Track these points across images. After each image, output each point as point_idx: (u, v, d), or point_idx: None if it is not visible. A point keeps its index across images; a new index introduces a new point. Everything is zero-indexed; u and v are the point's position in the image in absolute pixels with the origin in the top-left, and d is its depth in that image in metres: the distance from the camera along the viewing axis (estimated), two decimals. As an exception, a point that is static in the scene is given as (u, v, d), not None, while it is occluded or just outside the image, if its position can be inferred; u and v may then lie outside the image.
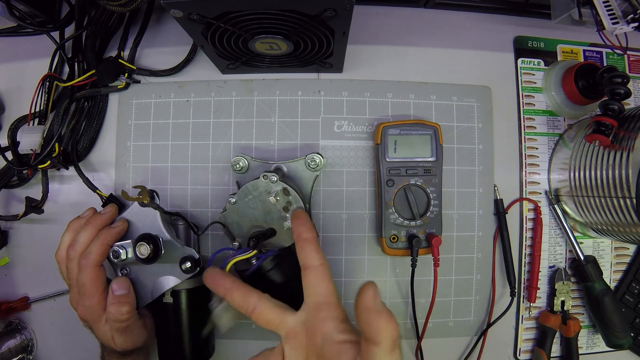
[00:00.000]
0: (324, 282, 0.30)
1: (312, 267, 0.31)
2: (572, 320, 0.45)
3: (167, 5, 0.29)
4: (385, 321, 0.24)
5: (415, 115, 0.46)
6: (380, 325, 0.24)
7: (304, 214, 0.34)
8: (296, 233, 0.33)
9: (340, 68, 0.45)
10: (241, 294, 0.31)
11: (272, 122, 0.46)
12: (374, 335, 0.24)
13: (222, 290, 0.32)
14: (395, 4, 0.48)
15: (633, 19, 0.36)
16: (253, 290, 0.32)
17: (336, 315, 0.29)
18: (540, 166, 0.47)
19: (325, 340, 0.28)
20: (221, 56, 0.40)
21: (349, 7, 0.30)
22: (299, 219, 0.33)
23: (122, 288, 0.36)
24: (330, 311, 0.29)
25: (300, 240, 0.32)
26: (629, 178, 0.34)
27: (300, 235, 0.32)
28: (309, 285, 0.30)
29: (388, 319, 0.24)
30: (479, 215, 0.46)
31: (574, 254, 0.45)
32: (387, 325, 0.24)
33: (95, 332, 0.38)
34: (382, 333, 0.24)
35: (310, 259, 0.31)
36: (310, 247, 0.31)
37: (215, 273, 0.33)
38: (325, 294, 0.30)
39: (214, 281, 0.33)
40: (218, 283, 0.32)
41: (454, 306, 0.46)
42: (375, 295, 0.25)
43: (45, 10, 0.45)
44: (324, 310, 0.29)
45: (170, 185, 0.46)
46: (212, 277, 0.33)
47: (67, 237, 0.38)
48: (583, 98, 0.44)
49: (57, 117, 0.44)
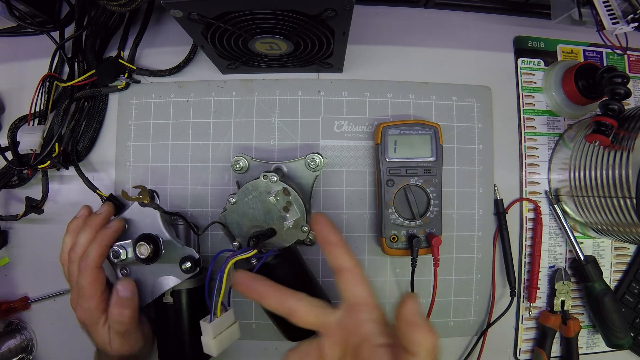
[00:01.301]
0: (360, 283, 0.30)
1: (345, 270, 0.30)
2: (572, 320, 0.45)
3: (167, 5, 0.29)
4: (422, 334, 0.25)
5: (415, 115, 0.46)
6: (418, 338, 0.25)
7: (324, 217, 0.33)
8: (321, 237, 0.32)
9: (340, 68, 0.45)
10: (277, 298, 0.30)
11: (272, 122, 0.46)
12: (411, 346, 0.25)
13: (255, 295, 0.31)
14: (395, 4, 0.48)
15: (633, 19, 0.36)
16: (288, 293, 0.31)
17: (376, 317, 0.29)
18: (540, 166, 0.47)
19: (364, 341, 0.28)
20: (221, 56, 0.40)
21: (349, 7, 0.30)
22: (321, 223, 0.32)
23: (128, 290, 0.36)
24: (370, 313, 0.29)
25: (327, 244, 0.31)
26: (629, 178, 0.34)
27: (326, 239, 0.31)
28: (346, 288, 0.30)
29: (426, 331, 0.25)
30: (479, 215, 0.46)
31: (574, 254, 0.45)
32: (425, 338, 0.25)
33: (92, 336, 0.38)
34: (421, 345, 0.25)
35: (342, 261, 0.31)
36: (340, 250, 0.31)
37: (246, 277, 0.31)
38: (363, 296, 0.30)
39: (245, 286, 0.31)
40: (250, 288, 0.31)
41: (454, 306, 0.46)
42: (414, 307, 0.25)
43: (45, 10, 0.45)
44: (364, 312, 0.29)
45: (170, 185, 0.46)
46: (243, 281, 0.31)
47: (68, 239, 0.38)
48: (583, 98, 0.44)
49: (57, 117, 0.44)
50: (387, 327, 0.29)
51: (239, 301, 0.45)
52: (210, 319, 0.32)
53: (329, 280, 0.45)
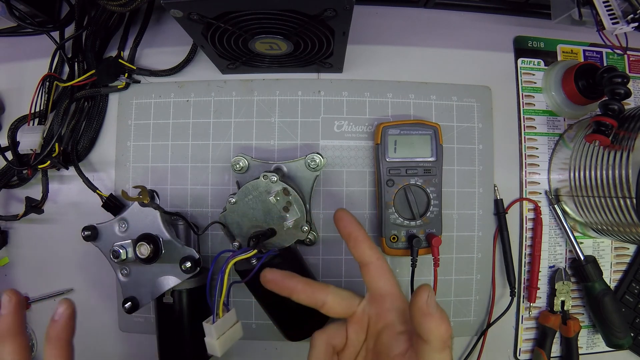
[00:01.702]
0: (385, 275, 0.32)
1: (370, 264, 0.32)
2: (572, 320, 0.45)
3: (167, 5, 0.29)
4: (436, 323, 0.26)
5: (415, 115, 0.46)
6: (431, 327, 0.26)
7: (347, 213, 0.34)
8: (345, 233, 0.33)
9: (340, 68, 0.45)
10: (307, 293, 0.32)
11: (272, 122, 0.46)
12: (425, 334, 0.26)
13: (286, 291, 0.32)
14: (395, 4, 0.48)
15: (633, 19, 0.35)
16: (317, 287, 0.32)
17: (399, 306, 0.31)
18: (540, 166, 0.47)
19: (386, 328, 0.31)
20: (221, 56, 0.40)
21: (349, 7, 0.30)
22: (345, 219, 0.33)
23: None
24: (393, 302, 0.31)
25: (351, 239, 0.33)
26: (629, 178, 0.34)
27: (350, 234, 0.33)
28: (371, 280, 0.32)
29: (439, 321, 0.26)
30: (479, 215, 0.46)
31: (574, 254, 0.45)
32: (438, 327, 0.26)
33: None
34: (433, 333, 0.26)
35: (366, 256, 0.32)
36: (364, 245, 0.32)
37: (276, 275, 0.33)
38: (388, 286, 0.32)
39: (276, 283, 0.32)
40: (282, 285, 0.32)
41: (454, 306, 0.46)
42: (428, 297, 0.26)
43: (45, 10, 0.45)
44: (389, 302, 0.31)
45: (170, 185, 0.46)
46: (274, 279, 0.32)
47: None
48: (583, 98, 0.44)
49: (57, 117, 0.44)
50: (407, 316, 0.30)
51: (239, 301, 0.45)
52: (213, 320, 0.32)
53: (329, 281, 0.45)
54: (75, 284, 0.46)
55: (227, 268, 0.33)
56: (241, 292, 0.44)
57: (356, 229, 0.33)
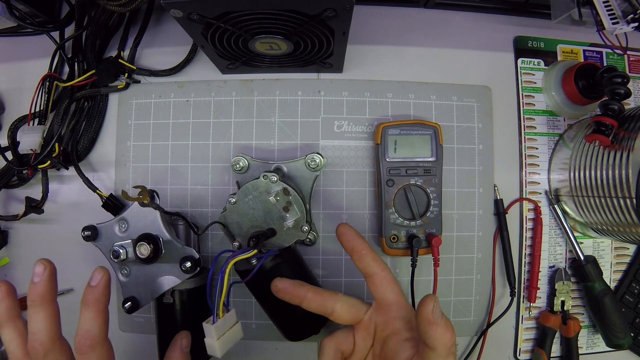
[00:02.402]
0: (390, 285, 0.33)
1: (375, 274, 0.33)
2: (572, 320, 0.45)
3: (167, 5, 0.29)
4: (440, 332, 0.27)
5: (415, 115, 0.46)
6: (437, 335, 0.27)
7: (349, 227, 0.35)
8: (349, 247, 0.34)
9: (340, 68, 0.45)
10: (317, 301, 0.34)
11: (272, 122, 0.46)
12: (430, 342, 0.27)
13: (296, 300, 0.34)
14: (395, 4, 0.48)
15: (633, 19, 0.35)
16: (327, 295, 0.34)
17: (405, 314, 0.33)
18: (540, 166, 0.47)
19: (392, 335, 0.32)
20: (221, 56, 0.40)
21: (349, 7, 0.30)
22: (347, 234, 0.35)
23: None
24: (399, 311, 0.33)
25: (355, 253, 0.34)
26: (629, 178, 0.34)
27: (354, 249, 0.34)
28: (377, 290, 0.34)
29: (444, 329, 0.27)
30: (479, 215, 0.46)
31: (574, 254, 0.45)
32: (442, 335, 0.27)
33: None
34: (438, 341, 0.27)
35: (371, 268, 0.34)
36: (368, 258, 0.34)
37: (285, 284, 0.34)
38: (393, 296, 0.33)
39: (286, 291, 0.34)
40: (292, 294, 0.34)
41: (454, 306, 0.46)
42: (433, 307, 0.27)
43: (45, 10, 0.45)
44: (395, 310, 0.33)
45: (170, 185, 0.46)
46: (285, 288, 0.34)
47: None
48: (583, 98, 0.44)
49: (57, 117, 0.44)
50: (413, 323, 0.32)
51: (239, 301, 0.45)
52: (213, 320, 0.32)
53: (329, 280, 0.45)
54: (75, 284, 0.46)
55: (227, 268, 0.33)
56: (241, 292, 0.44)
57: (359, 243, 0.34)
